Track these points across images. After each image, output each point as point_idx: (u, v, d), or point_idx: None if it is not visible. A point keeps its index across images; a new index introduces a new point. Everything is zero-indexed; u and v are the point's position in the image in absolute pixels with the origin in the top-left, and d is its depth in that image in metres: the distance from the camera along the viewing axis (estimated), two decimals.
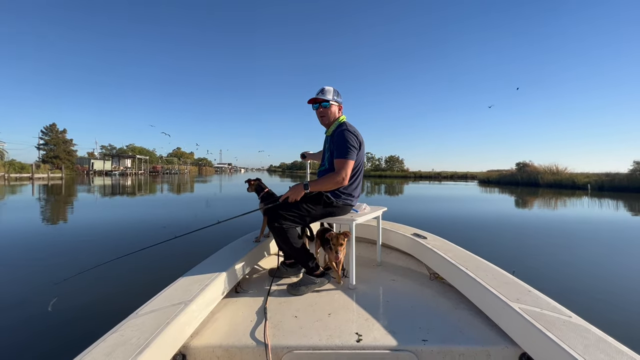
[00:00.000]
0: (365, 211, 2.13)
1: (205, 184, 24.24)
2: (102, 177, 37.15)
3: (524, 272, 3.19)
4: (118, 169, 50.04)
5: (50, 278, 3.19)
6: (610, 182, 20.62)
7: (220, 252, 2.02)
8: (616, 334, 1.12)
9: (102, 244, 4.70)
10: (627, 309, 2.67)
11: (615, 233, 6.34)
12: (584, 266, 3.93)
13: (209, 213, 8.10)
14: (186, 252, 3.87)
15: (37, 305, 2.59)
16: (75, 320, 2.36)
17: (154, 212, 8.52)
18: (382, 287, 1.93)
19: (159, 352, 1.07)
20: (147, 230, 5.77)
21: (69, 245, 4.62)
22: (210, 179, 36.78)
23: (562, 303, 1.35)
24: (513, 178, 29.19)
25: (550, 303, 1.35)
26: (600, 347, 1.04)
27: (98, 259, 3.46)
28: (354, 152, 1.87)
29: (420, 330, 1.40)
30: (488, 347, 1.28)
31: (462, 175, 47.38)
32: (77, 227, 6.15)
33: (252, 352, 1.29)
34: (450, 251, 2.01)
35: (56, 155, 46.36)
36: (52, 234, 5.61)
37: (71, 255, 4.13)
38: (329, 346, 1.29)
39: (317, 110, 2.05)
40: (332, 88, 2.03)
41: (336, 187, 1.88)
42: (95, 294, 2.83)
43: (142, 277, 3.25)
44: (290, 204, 1.87)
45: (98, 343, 1.05)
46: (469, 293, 1.64)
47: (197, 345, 1.31)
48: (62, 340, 2.09)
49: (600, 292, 3.05)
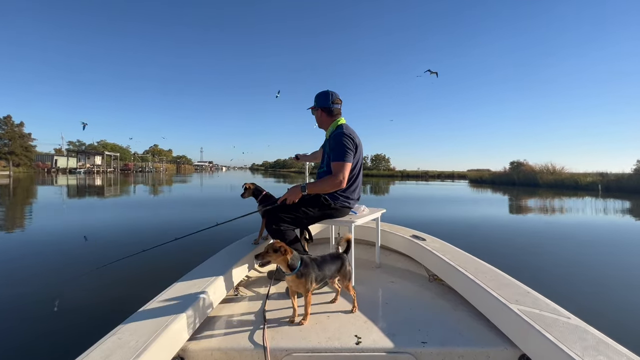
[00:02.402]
0: (364, 213, 2.18)
1: (171, 186, 21.33)
2: (66, 176, 34.55)
3: (523, 273, 3.07)
4: (84, 167, 46.29)
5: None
6: (616, 182, 19.82)
7: (218, 255, 2.04)
8: (615, 336, 1.15)
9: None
10: (627, 310, 2.75)
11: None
12: (588, 268, 4.02)
13: (206, 216, 7.71)
14: (185, 255, 3.81)
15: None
16: (73, 322, 2.38)
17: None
18: (381, 289, 1.97)
19: (157, 355, 1.09)
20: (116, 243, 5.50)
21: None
22: (188, 177, 34.58)
23: (561, 304, 1.39)
24: (509, 178, 28.63)
25: (549, 304, 1.38)
26: (599, 348, 1.07)
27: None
28: (350, 155, 1.93)
29: (420, 332, 1.43)
30: (487, 348, 1.32)
31: (450, 175, 47.30)
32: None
33: (251, 354, 1.31)
34: (449, 253, 2.07)
35: (11, 150, 42.45)
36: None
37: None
38: (328, 348, 1.31)
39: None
40: (321, 92, 2.13)
41: (334, 189, 1.93)
42: (94, 297, 2.85)
43: (141, 279, 3.26)
44: (289, 206, 1.93)
45: (96, 346, 1.06)
46: (468, 295, 1.68)
47: (196, 348, 1.32)
48: (60, 344, 2.10)
49: (600, 292, 3.16)
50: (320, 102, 2.11)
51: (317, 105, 2.13)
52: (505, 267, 1.84)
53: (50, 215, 7.99)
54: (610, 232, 6.58)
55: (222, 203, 10.95)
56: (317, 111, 2.14)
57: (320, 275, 1.51)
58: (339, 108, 2.13)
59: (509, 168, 32.72)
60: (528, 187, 24.06)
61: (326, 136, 2.16)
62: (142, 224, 6.53)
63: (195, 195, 14.65)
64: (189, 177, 35.59)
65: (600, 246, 5.23)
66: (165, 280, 1.67)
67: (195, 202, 11.73)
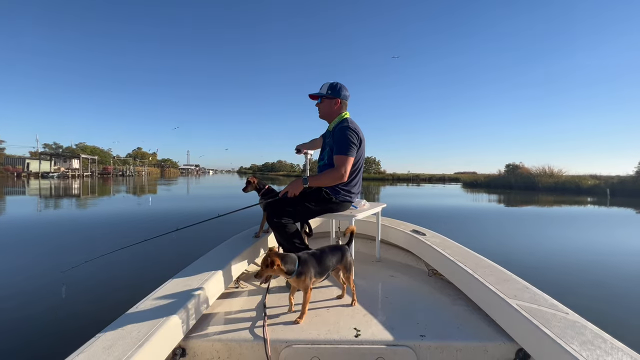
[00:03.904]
0: (364, 207, 2.22)
1: (140, 194, 16.66)
2: (38, 180, 32.77)
3: (522, 269, 2.57)
4: (59, 170, 43.80)
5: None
6: (621, 185, 19.36)
7: (219, 248, 2.07)
8: (612, 331, 1.16)
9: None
10: (624, 307, 2.76)
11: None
12: (585, 265, 4.00)
13: (208, 207, 7.66)
14: (186, 247, 3.81)
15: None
16: (77, 312, 2.43)
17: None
18: (381, 283, 2.01)
19: (159, 346, 1.12)
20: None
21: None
22: (172, 181, 33.33)
23: (560, 300, 1.40)
24: (505, 181, 28.49)
25: (548, 300, 1.40)
26: (596, 343, 1.09)
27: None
28: (354, 149, 1.97)
29: (418, 325, 1.46)
30: (485, 342, 1.35)
31: (441, 178, 47.27)
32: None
33: (251, 346, 1.34)
34: (449, 248, 2.11)
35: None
36: None
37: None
38: (328, 341, 1.34)
39: (316, 105, 2.19)
40: (329, 83, 2.12)
41: (335, 183, 1.97)
42: (95, 287, 2.89)
43: (142, 271, 3.28)
44: (290, 199, 1.96)
45: (98, 337, 1.09)
46: (467, 289, 1.72)
47: (197, 340, 1.35)
48: (62, 335, 2.13)
49: (598, 289, 3.16)
50: (336, 92, 2.10)
51: (332, 95, 2.09)
52: (505, 263, 1.87)
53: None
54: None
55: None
56: (331, 101, 2.10)
57: (320, 269, 1.54)
58: (347, 102, 2.16)
59: (504, 171, 32.63)
60: (526, 190, 23.49)
61: (329, 128, 2.19)
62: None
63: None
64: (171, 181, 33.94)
65: (601, 246, 5.19)
66: (166, 273, 1.71)
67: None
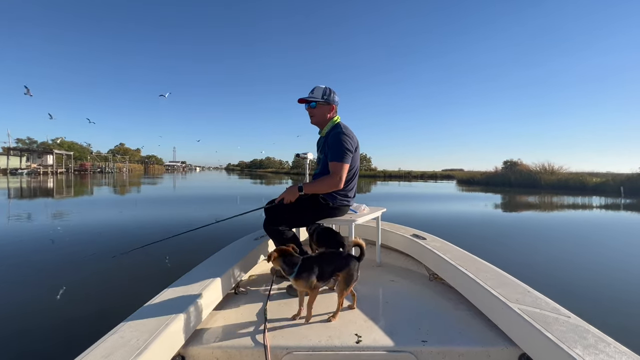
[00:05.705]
0: (364, 212, 2.24)
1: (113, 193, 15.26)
2: (7, 177, 31.42)
3: (523, 273, 2.73)
4: (30, 167, 41.55)
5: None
6: (629, 183, 18.92)
7: (220, 253, 2.07)
8: (615, 335, 1.17)
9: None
10: (628, 310, 2.76)
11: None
12: (585, 267, 4.00)
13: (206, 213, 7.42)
14: (186, 253, 3.83)
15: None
16: (74, 320, 2.38)
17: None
18: (382, 288, 2.03)
19: (159, 354, 1.13)
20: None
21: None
22: (154, 179, 32.01)
23: (561, 303, 1.41)
24: (504, 178, 28.22)
25: (550, 303, 1.42)
26: (599, 347, 1.09)
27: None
28: (349, 156, 1.99)
29: (420, 331, 1.48)
30: (487, 347, 1.37)
31: (432, 175, 47.16)
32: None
33: (251, 353, 1.35)
34: (449, 252, 2.14)
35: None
36: None
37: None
38: (329, 347, 1.36)
39: (307, 109, 2.16)
40: (322, 87, 2.11)
41: (331, 190, 1.99)
42: (94, 293, 2.87)
43: (141, 277, 3.22)
44: (286, 205, 1.97)
45: (97, 344, 1.09)
46: (468, 294, 1.75)
47: (197, 347, 1.37)
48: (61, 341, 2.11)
49: (601, 292, 3.17)
50: (329, 97, 2.09)
51: (325, 100, 2.08)
52: (506, 267, 1.89)
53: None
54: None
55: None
56: (326, 107, 2.10)
57: (322, 272, 1.55)
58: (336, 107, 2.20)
59: (502, 168, 32.45)
60: (527, 188, 22.98)
61: (321, 134, 2.20)
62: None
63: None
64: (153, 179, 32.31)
65: (600, 247, 5.22)
66: (166, 278, 1.72)
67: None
